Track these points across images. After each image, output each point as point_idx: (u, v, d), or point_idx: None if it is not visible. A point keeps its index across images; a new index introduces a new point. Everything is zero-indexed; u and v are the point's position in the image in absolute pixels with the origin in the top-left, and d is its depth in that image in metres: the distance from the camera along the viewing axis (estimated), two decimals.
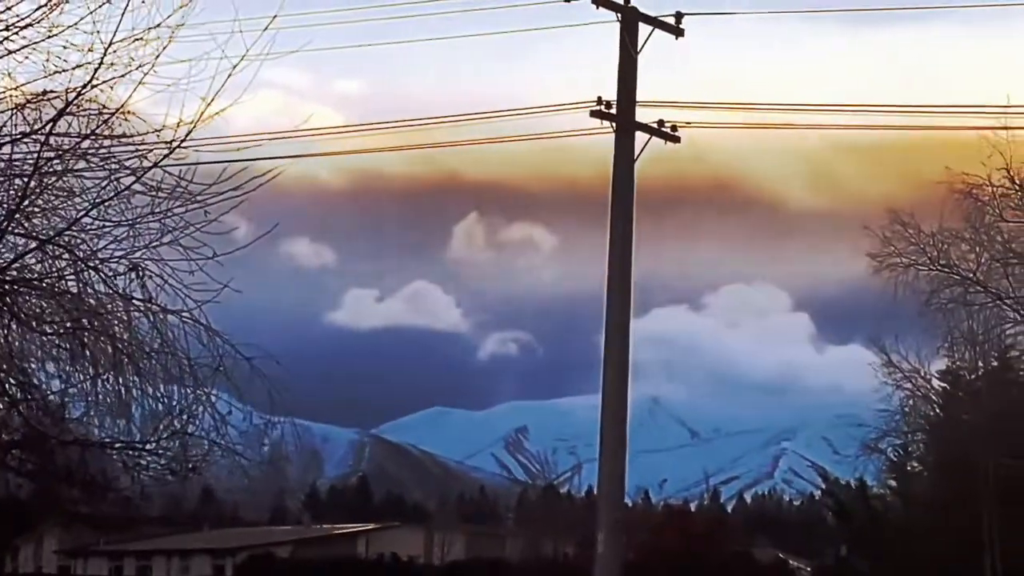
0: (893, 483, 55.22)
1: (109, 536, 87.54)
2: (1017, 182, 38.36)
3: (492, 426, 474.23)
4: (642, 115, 28.60)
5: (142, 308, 16.66)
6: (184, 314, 16.51)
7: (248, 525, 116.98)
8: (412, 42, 32.82)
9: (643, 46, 28.39)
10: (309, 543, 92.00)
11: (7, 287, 15.90)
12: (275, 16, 16.12)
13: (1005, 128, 35.00)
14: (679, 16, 28.68)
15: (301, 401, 18.45)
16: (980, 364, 46.83)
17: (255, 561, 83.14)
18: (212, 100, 15.76)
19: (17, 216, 15.93)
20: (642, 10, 28.43)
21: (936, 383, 50.39)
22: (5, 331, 16.23)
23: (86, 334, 16.49)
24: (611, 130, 28.47)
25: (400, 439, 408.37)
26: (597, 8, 28.17)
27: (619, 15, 28.32)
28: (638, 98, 28.47)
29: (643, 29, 28.48)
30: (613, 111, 28.31)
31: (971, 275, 40.52)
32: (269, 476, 20.91)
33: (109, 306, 16.69)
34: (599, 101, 28.21)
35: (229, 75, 15.55)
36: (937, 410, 51.43)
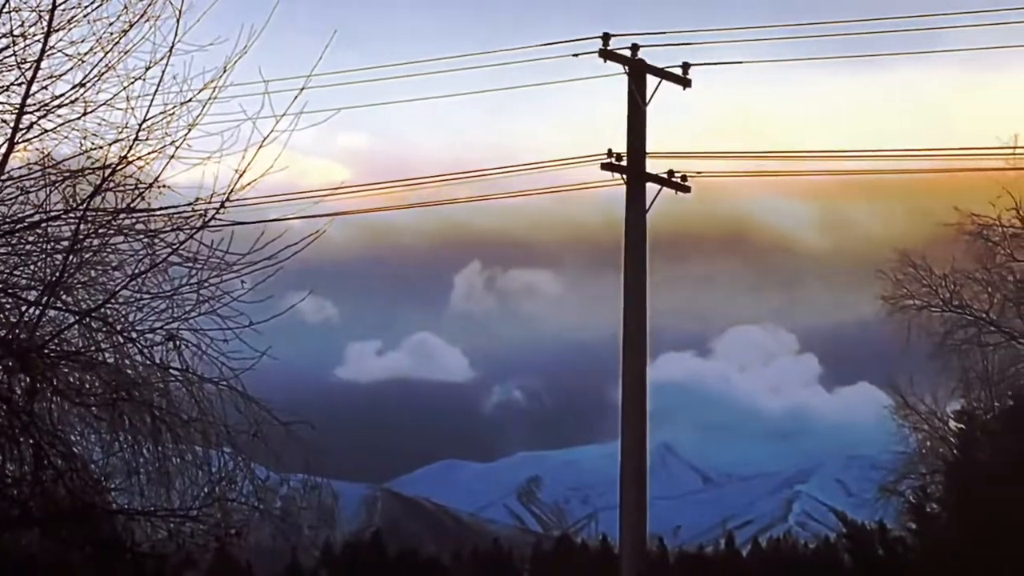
0: (912, 525, 55.00)
1: None
2: None
3: (503, 477, 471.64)
4: (652, 165, 28.81)
5: (180, 378, 16.83)
6: (222, 383, 16.66)
7: None
8: (420, 100, 32.97)
9: (651, 97, 28.61)
10: None
11: (49, 361, 16.08)
12: (302, 89, 16.36)
13: (1014, 169, 35.28)
14: (686, 67, 28.86)
15: (314, 458, 18.52)
16: (996, 404, 46.81)
17: None
18: (244, 172, 16.02)
19: (57, 290, 16.12)
20: (649, 62, 28.71)
21: (952, 424, 50.38)
22: (48, 404, 16.40)
23: (125, 404, 16.65)
24: (622, 182, 28.64)
25: (412, 492, 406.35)
26: (605, 61, 28.40)
27: (627, 68, 28.51)
28: (648, 148, 28.70)
29: (651, 80, 28.71)
30: (623, 163, 28.48)
31: (984, 315, 40.73)
32: (286, 533, 21.01)
33: (147, 376, 16.88)
34: (609, 153, 28.30)
35: (259, 147, 15.81)
36: (954, 451, 51.36)
